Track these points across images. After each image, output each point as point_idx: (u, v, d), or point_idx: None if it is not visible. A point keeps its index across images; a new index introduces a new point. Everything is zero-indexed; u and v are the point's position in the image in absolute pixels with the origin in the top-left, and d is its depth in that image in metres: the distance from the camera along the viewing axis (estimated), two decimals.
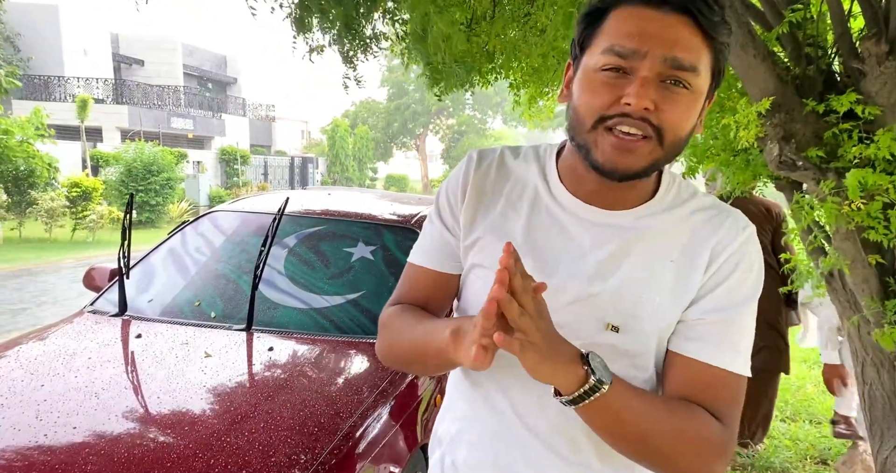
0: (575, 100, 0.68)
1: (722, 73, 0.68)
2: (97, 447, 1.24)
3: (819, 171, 1.55)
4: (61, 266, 8.53)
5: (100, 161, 15.22)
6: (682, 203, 0.74)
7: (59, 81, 18.70)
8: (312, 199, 2.56)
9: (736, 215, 0.74)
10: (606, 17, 0.66)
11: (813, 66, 1.59)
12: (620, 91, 0.63)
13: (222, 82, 26.96)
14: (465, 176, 0.79)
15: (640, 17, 0.63)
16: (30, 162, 10.53)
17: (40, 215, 10.92)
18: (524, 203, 0.76)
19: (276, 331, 1.87)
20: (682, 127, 0.65)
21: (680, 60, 0.62)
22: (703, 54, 0.64)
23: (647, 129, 0.63)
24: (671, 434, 0.65)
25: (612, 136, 0.64)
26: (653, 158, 0.65)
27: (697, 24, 0.63)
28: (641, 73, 0.63)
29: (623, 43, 0.63)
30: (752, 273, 0.72)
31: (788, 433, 3.06)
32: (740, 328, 0.70)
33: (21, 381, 1.50)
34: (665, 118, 0.63)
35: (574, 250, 0.72)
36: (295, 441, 1.31)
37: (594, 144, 0.66)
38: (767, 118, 1.57)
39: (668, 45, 0.62)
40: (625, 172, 0.66)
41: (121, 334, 1.85)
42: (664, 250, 0.71)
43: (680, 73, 0.63)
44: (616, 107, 0.63)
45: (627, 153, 0.64)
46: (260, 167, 22.41)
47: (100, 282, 2.32)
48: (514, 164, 0.80)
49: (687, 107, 0.65)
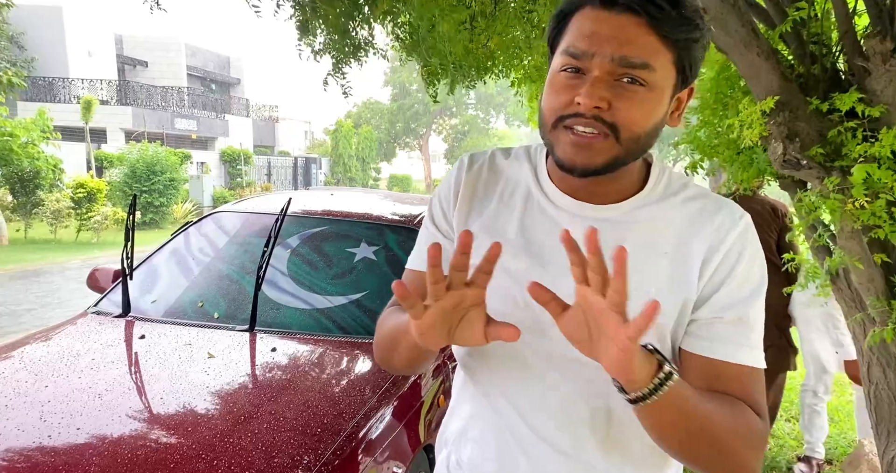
0: (542, 98, 0.71)
1: (692, 67, 0.68)
2: (101, 448, 1.24)
3: (823, 169, 1.54)
4: (66, 267, 8.57)
5: (104, 162, 15.29)
6: (673, 194, 0.75)
7: (64, 83, 18.79)
8: (315, 199, 2.56)
9: (730, 205, 0.74)
10: (569, 19, 0.69)
11: (817, 64, 1.58)
12: (576, 91, 0.65)
13: (226, 83, 27.03)
14: (456, 180, 0.81)
15: (593, 19, 0.65)
16: (35, 164, 10.58)
17: (46, 216, 10.98)
18: (517, 201, 0.78)
19: (278, 332, 1.87)
20: (639, 123, 0.66)
21: (629, 58, 0.63)
22: (658, 51, 0.65)
23: (600, 127, 0.65)
24: (729, 427, 0.65)
25: (571, 133, 0.66)
26: (611, 156, 0.66)
27: (651, 24, 0.64)
28: (593, 73, 0.65)
29: (577, 44, 0.66)
30: (757, 263, 0.72)
31: (793, 433, 3.04)
32: (754, 321, 0.71)
33: (25, 382, 1.51)
34: (619, 116, 0.65)
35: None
36: (298, 441, 1.31)
37: (556, 142, 0.68)
38: (771, 117, 1.56)
39: (616, 44, 0.64)
40: (584, 168, 0.67)
41: (124, 335, 1.86)
42: (657, 241, 0.72)
43: (631, 70, 0.64)
44: (571, 106, 0.66)
45: (585, 150, 0.66)
46: (263, 168, 22.46)
47: (103, 283, 2.33)
48: (506, 164, 0.81)
49: (643, 103, 0.65)
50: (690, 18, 0.65)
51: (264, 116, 27.14)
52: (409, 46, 3.22)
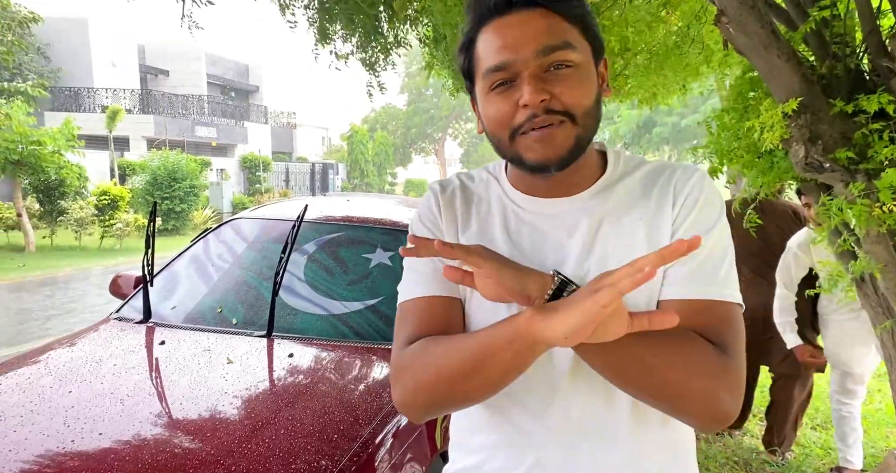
0: (486, 124, 0.72)
1: (598, 37, 0.71)
2: (122, 453, 1.25)
3: (848, 172, 1.51)
4: (90, 273, 8.75)
5: (127, 170, 15.61)
6: (632, 170, 0.78)
7: (89, 93, 19.25)
8: (331, 205, 2.58)
9: (684, 165, 0.79)
10: (475, 45, 0.70)
11: (840, 64, 1.54)
12: (515, 97, 0.67)
13: (245, 91, 27.44)
14: (435, 204, 0.82)
15: (498, 30, 0.68)
16: (60, 172, 10.84)
17: (70, 223, 11.24)
18: (495, 217, 0.79)
19: (296, 337, 1.88)
20: (585, 100, 0.68)
21: (549, 45, 0.66)
22: (568, 29, 0.68)
23: (555, 117, 0.67)
24: (670, 359, 0.63)
25: (531, 133, 0.68)
26: (575, 137, 0.68)
27: (549, 9, 0.67)
28: (523, 74, 0.66)
29: (496, 59, 0.67)
30: (713, 204, 0.74)
31: (819, 441, 2.97)
32: (719, 258, 0.71)
33: (50, 387, 1.54)
34: (565, 99, 0.67)
35: (555, 243, 0.75)
36: (315, 447, 1.31)
37: (521, 150, 0.69)
38: (792, 119, 1.53)
39: (531, 39, 0.66)
40: (558, 160, 0.69)
41: (145, 340, 1.89)
42: (631, 210, 0.74)
43: (556, 55, 0.66)
44: (520, 113, 0.67)
45: (550, 142, 0.67)
46: (281, 174, 22.72)
47: (125, 289, 2.37)
48: (473, 186, 0.83)
49: (579, 81, 0.68)
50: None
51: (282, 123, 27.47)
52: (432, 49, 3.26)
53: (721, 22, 1.57)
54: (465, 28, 0.73)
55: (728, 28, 1.55)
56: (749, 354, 0.74)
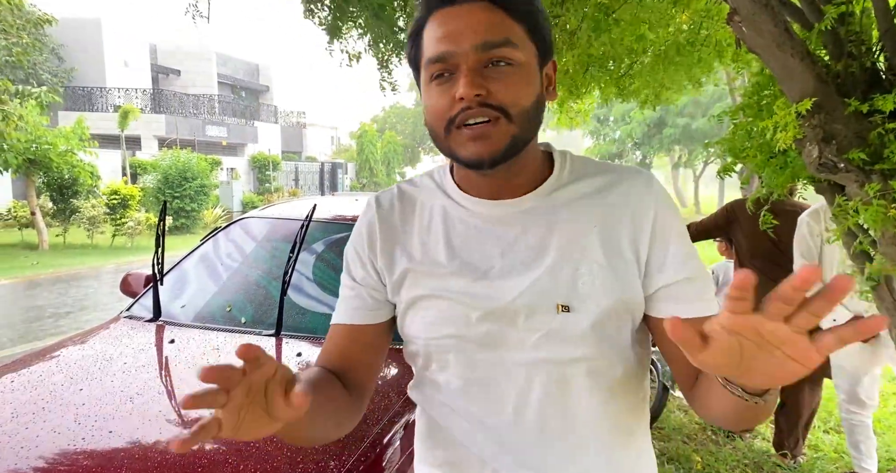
0: (425, 115, 0.71)
1: (546, 36, 0.70)
2: (132, 451, 1.26)
3: (863, 173, 1.48)
4: (102, 272, 8.85)
5: (138, 169, 15.76)
6: (581, 175, 0.76)
7: (101, 92, 19.46)
8: (339, 205, 2.58)
9: (637, 169, 0.77)
10: (421, 35, 0.70)
11: (856, 63, 1.52)
12: (453, 90, 0.66)
13: (255, 90, 27.60)
14: (368, 225, 0.80)
15: (442, 21, 0.67)
16: (73, 172, 10.97)
17: (83, 222, 11.36)
18: (437, 224, 0.77)
19: (304, 337, 1.88)
20: (522, 99, 0.67)
21: (489, 41, 0.65)
22: (511, 26, 0.66)
23: (489, 112, 0.65)
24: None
25: (465, 129, 0.67)
26: (510, 136, 0.67)
27: (493, 4, 0.66)
28: (461, 68, 0.66)
29: (437, 50, 0.67)
30: (676, 213, 0.75)
31: (832, 444, 2.93)
32: (700, 270, 0.73)
33: (61, 385, 1.55)
34: (501, 96, 0.65)
35: (501, 246, 0.74)
36: (322, 447, 1.31)
37: (455, 145, 0.68)
38: (806, 119, 1.51)
39: (472, 33, 0.65)
40: (491, 157, 0.67)
41: (155, 339, 1.90)
42: (583, 218, 0.73)
43: (495, 52, 0.65)
44: (455, 105, 0.66)
45: (484, 139, 0.66)
46: (291, 173, 22.83)
47: (136, 288, 2.39)
48: (415, 192, 0.82)
49: (518, 79, 0.67)
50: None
51: (292, 122, 27.61)
52: None
53: (733, 20, 1.55)
54: (415, 17, 0.71)
55: (741, 27, 1.53)
56: None
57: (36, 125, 9.97)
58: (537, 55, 0.69)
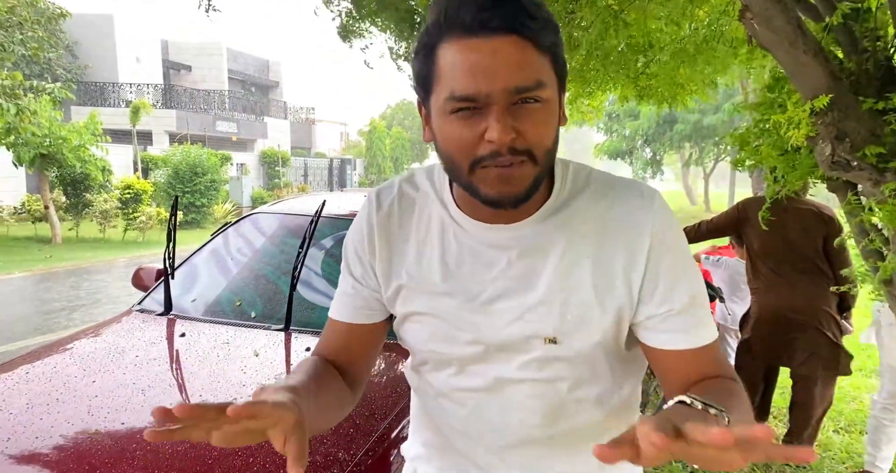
0: (441, 144, 0.68)
1: (564, 65, 0.68)
2: (143, 442, 1.28)
3: (877, 171, 1.47)
4: (114, 265, 8.95)
5: (149, 164, 15.89)
6: (580, 189, 0.74)
7: (114, 88, 19.62)
8: (348, 201, 2.59)
9: (639, 187, 0.74)
10: (435, 53, 0.65)
11: (870, 60, 1.50)
12: (481, 127, 0.63)
13: (265, 86, 27.69)
14: (368, 225, 0.79)
15: (467, 53, 0.62)
16: (86, 166, 11.08)
17: (95, 216, 11.48)
18: (433, 237, 0.76)
19: (313, 331, 1.90)
20: (547, 138, 0.65)
21: (523, 84, 0.62)
22: (541, 63, 0.63)
23: (517, 157, 0.64)
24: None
25: (492, 169, 0.64)
26: (533, 177, 0.66)
27: (524, 38, 0.61)
28: (492, 109, 0.62)
29: (462, 88, 0.62)
30: (679, 237, 0.73)
31: (842, 444, 2.91)
32: (700, 295, 0.72)
33: (75, 377, 1.58)
34: (529, 138, 0.63)
35: (494, 271, 0.73)
36: (331, 441, 1.33)
37: (478, 183, 0.66)
38: (819, 117, 1.50)
39: (506, 75, 0.61)
40: (515, 198, 0.66)
41: (166, 332, 1.92)
42: (577, 245, 0.71)
43: (527, 94, 0.62)
44: (483, 146, 0.63)
45: (509, 182, 0.65)
46: (300, 169, 22.92)
47: (147, 282, 2.42)
48: (416, 195, 0.79)
49: (544, 117, 0.65)
50: (549, 20, 0.64)
51: (301, 118, 27.68)
52: None
53: (746, 17, 1.54)
54: (426, 30, 0.66)
55: (753, 24, 1.52)
56: (767, 354, 0.76)
57: (50, 120, 10.08)
58: (558, 86, 0.67)
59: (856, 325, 2.77)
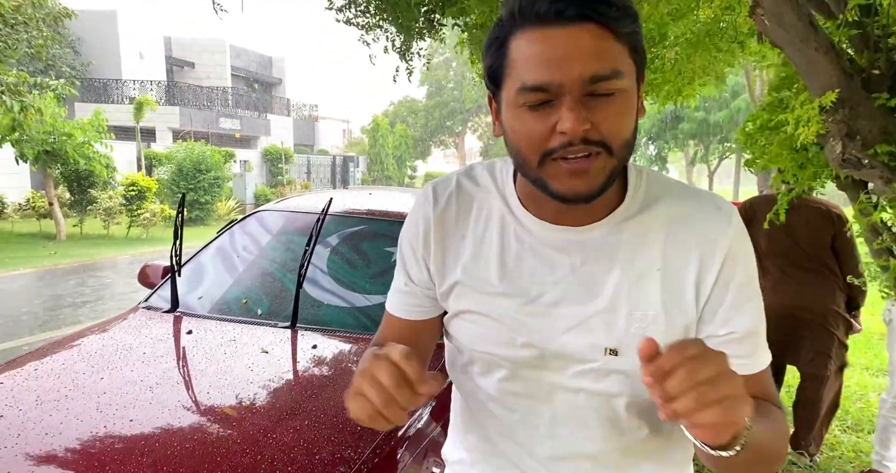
0: (510, 137, 0.66)
1: (643, 53, 0.65)
2: (152, 439, 1.29)
3: (888, 169, 1.46)
4: (118, 262, 8.97)
5: (153, 161, 15.91)
6: (655, 199, 0.70)
7: (117, 84, 19.64)
8: (354, 199, 2.59)
9: (716, 200, 0.71)
10: (507, 46, 0.63)
11: (882, 57, 1.49)
12: (552, 119, 0.61)
13: (268, 83, 27.69)
14: (424, 220, 0.76)
15: (541, 43, 0.60)
16: (90, 163, 11.10)
17: (99, 212, 11.51)
18: (493, 235, 0.73)
19: (319, 329, 1.90)
20: (624, 129, 0.63)
21: (599, 73, 0.59)
22: (618, 52, 0.61)
23: (591, 147, 0.61)
24: (777, 438, 0.66)
25: (564, 163, 0.62)
26: (608, 171, 0.63)
27: (601, 26, 0.59)
28: (565, 100, 0.60)
29: (535, 78, 0.60)
30: (750, 258, 0.70)
31: (849, 443, 2.90)
32: (760, 320, 0.70)
33: (83, 374, 1.58)
34: (605, 130, 0.61)
35: (556, 275, 0.70)
36: (338, 438, 1.33)
37: (549, 177, 0.64)
38: (829, 114, 1.48)
39: (581, 64, 0.59)
40: (588, 193, 0.63)
41: (172, 330, 1.92)
42: (646, 257, 0.68)
43: (603, 85, 0.60)
44: (555, 138, 0.61)
45: (583, 175, 0.62)
46: (303, 166, 22.93)
47: (153, 279, 2.42)
48: (475, 190, 0.76)
49: (621, 109, 0.62)
50: (628, 7, 0.61)
51: (304, 116, 27.68)
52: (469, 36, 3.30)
53: (756, 14, 1.52)
54: (498, 23, 0.64)
55: (763, 20, 1.51)
56: (775, 353, 0.74)
57: (53, 117, 10.09)
58: (636, 75, 0.64)
59: (864, 324, 2.76)
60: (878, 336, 4.28)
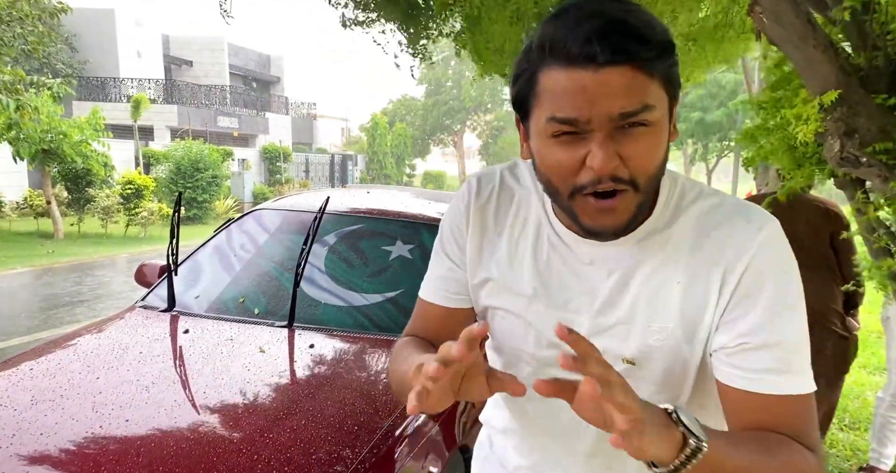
0: (540, 165, 0.66)
1: (678, 80, 0.64)
2: (148, 439, 1.28)
3: (886, 167, 1.45)
4: (116, 261, 8.95)
5: (151, 159, 15.87)
6: (685, 209, 0.70)
7: (115, 83, 19.58)
8: (352, 198, 2.58)
9: (749, 212, 0.68)
10: (536, 78, 0.62)
11: (881, 55, 1.49)
12: (581, 152, 0.61)
13: (266, 81, 27.63)
14: (465, 207, 0.78)
15: (570, 82, 0.59)
16: (87, 162, 11.06)
17: (97, 211, 11.48)
18: (529, 236, 0.75)
19: (316, 328, 1.89)
20: (653, 163, 0.63)
21: (628, 110, 0.59)
22: (650, 86, 0.60)
23: (619, 184, 0.62)
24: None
25: (592, 199, 0.63)
26: (635, 206, 0.64)
27: (636, 66, 0.58)
28: (595, 136, 0.60)
29: (564, 113, 0.60)
30: (790, 276, 0.66)
31: (847, 441, 2.91)
32: (795, 343, 0.65)
33: (79, 373, 1.57)
34: (633, 166, 0.61)
35: (582, 284, 0.72)
36: (335, 438, 1.32)
37: (579, 211, 0.65)
38: (828, 112, 1.48)
39: (609, 101, 0.58)
40: (615, 229, 0.65)
41: (169, 329, 1.92)
42: (669, 271, 0.68)
43: (632, 119, 0.59)
44: (584, 173, 0.62)
45: (610, 213, 0.63)
46: (301, 165, 22.89)
47: (150, 278, 2.41)
48: (517, 188, 0.78)
49: (650, 141, 0.61)
50: (666, 41, 0.60)
51: (303, 114, 27.63)
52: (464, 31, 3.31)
53: (755, 12, 1.52)
54: (527, 52, 0.63)
55: (762, 18, 1.50)
56: None
57: (51, 116, 10.05)
58: (668, 103, 0.63)
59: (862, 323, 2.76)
60: (876, 335, 4.29)
